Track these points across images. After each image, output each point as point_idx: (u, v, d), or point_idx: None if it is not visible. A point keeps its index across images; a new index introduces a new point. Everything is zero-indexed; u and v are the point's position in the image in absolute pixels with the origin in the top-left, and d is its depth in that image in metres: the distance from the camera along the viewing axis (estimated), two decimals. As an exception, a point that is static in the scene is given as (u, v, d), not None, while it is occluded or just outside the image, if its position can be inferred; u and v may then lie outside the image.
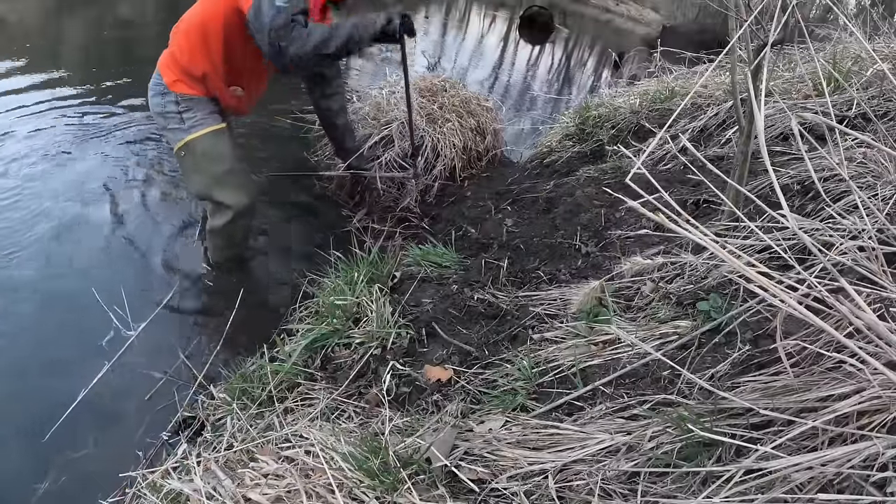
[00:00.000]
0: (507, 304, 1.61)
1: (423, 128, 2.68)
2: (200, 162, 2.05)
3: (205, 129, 2.04)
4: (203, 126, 2.04)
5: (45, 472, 1.43)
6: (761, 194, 1.67)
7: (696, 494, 0.88)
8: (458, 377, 1.40)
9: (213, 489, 1.08)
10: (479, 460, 1.10)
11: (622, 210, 1.91)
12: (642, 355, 1.23)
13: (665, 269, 1.50)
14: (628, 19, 14.12)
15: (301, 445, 1.16)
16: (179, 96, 2.00)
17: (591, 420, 1.15)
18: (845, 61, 2.38)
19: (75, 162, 2.72)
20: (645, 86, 3.06)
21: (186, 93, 2.01)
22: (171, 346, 1.82)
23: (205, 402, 1.58)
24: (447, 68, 6.02)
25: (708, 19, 10.50)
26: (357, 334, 1.57)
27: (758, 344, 1.16)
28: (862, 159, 1.61)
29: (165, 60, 2.02)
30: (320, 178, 2.87)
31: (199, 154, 2.04)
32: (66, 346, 1.78)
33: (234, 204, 2.08)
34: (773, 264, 1.22)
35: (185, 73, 1.98)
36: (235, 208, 2.08)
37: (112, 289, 1.94)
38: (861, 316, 0.66)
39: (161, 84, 2.01)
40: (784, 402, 0.93)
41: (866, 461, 0.76)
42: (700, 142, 2.34)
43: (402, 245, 2.23)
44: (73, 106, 3.21)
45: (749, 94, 1.16)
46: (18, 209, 2.33)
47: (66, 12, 5.10)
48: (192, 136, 2.02)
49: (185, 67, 1.97)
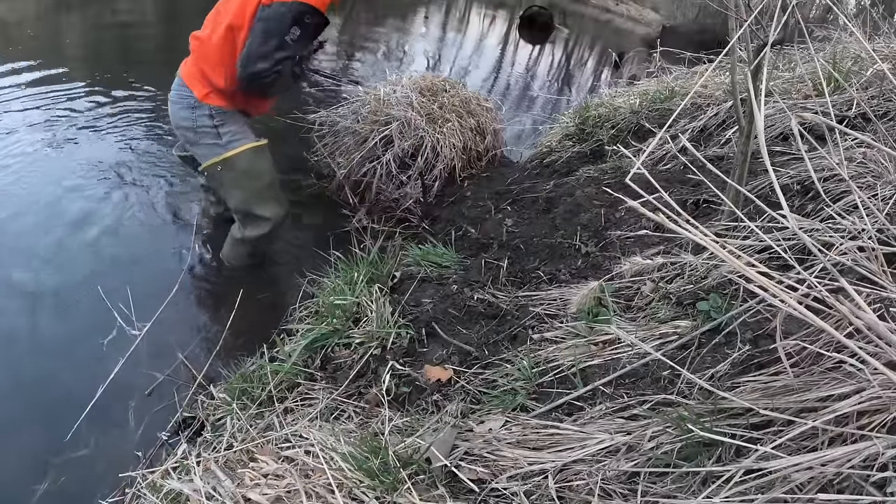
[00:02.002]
0: (507, 304, 1.61)
1: (424, 127, 2.68)
2: (241, 178, 2.04)
3: (245, 146, 2.01)
4: (241, 142, 2.01)
5: (45, 472, 1.43)
6: (761, 194, 1.67)
7: (696, 494, 0.88)
8: (458, 377, 1.40)
9: (212, 489, 1.07)
10: (479, 460, 1.10)
11: (622, 210, 1.91)
12: (642, 355, 1.23)
13: (665, 269, 1.50)
14: (628, 19, 14.11)
15: (301, 445, 1.16)
16: (214, 109, 1.95)
17: (591, 420, 1.15)
18: (845, 61, 2.38)
19: (76, 160, 2.72)
20: (645, 86, 3.06)
21: (220, 105, 1.96)
22: (170, 346, 1.82)
23: (205, 402, 1.58)
24: (447, 68, 6.03)
25: (708, 19, 10.49)
26: (357, 334, 1.57)
27: (758, 344, 1.16)
28: (862, 159, 1.61)
29: (191, 71, 1.95)
30: (319, 178, 2.87)
31: (240, 171, 2.03)
32: (67, 347, 1.78)
33: (274, 217, 2.11)
34: (773, 264, 1.22)
35: (214, 87, 1.94)
36: (274, 221, 2.12)
37: (113, 288, 1.94)
38: (861, 316, 0.66)
39: (190, 96, 1.94)
40: (784, 402, 0.93)
41: (866, 461, 0.76)
42: (700, 142, 2.34)
43: (402, 245, 2.23)
44: (73, 103, 3.21)
45: (749, 94, 1.16)
46: (19, 207, 2.33)
47: (64, 11, 5.09)
48: (232, 153, 1.99)
49: (214, 82, 1.93)
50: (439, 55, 6.67)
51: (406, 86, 2.86)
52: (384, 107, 2.74)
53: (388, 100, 2.76)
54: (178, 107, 1.98)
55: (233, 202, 2.12)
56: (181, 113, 1.98)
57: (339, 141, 2.87)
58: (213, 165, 2.02)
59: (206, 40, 1.92)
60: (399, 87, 2.87)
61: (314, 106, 3.04)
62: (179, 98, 1.98)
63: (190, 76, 1.95)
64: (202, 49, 1.93)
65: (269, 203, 2.11)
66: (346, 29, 6.52)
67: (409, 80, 2.95)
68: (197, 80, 1.94)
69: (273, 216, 2.12)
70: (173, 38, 4.65)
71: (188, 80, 1.95)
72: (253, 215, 2.11)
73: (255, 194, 2.08)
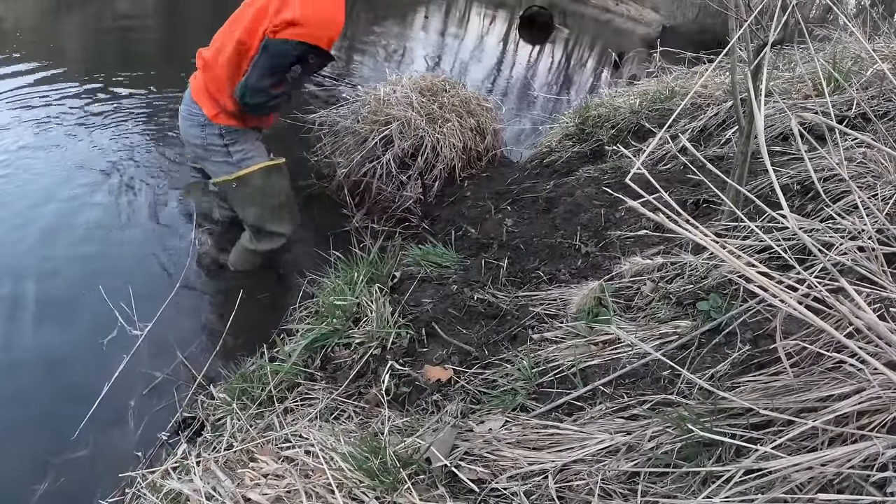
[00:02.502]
0: (507, 304, 1.61)
1: (424, 127, 2.68)
2: (255, 196, 2.04)
3: (257, 165, 1.99)
4: (254, 161, 1.99)
5: (44, 472, 1.43)
6: (761, 194, 1.67)
7: (696, 494, 0.88)
8: (458, 377, 1.40)
9: (212, 489, 1.07)
10: (479, 460, 1.09)
11: (622, 210, 1.90)
12: (642, 355, 1.23)
13: (665, 269, 1.50)
14: (628, 19, 14.11)
15: (301, 445, 1.16)
16: (224, 128, 1.93)
17: (591, 420, 1.15)
18: (845, 61, 2.38)
19: (75, 158, 2.71)
20: (645, 86, 3.06)
21: (231, 125, 1.93)
22: (170, 345, 1.82)
23: (204, 402, 1.58)
24: (447, 68, 6.03)
25: (708, 19, 10.48)
26: (357, 334, 1.56)
27: (758, 344, 1.16)
28: (862, 159, 1.61)
29: (200, 88, 1.91)
30: (319, 178, 2.87)
31: (254, 189, 2.02)
32: (68, 346, 1.78)
33: (287, 233, 2.13)
34: (773, 264, 1.22)
35: (223, 108, 1.91)
36: (288, 235, 2.14)
37: (113, 288, 1.94)
38: (861, 316, 0.66)
39: (200, 115, 1.91)
40: (784, 402, 0.93)
41: (866, 461, 0.76)
42: (700, 142, 2.34)
43: (402, 245, 2.23)
44: (73, 102, 3.21)
45: (749, 94, 1.16)
46: (18, 207, 2.33)
47: (63, 11, 5.09)
48: (244, 172, 1.98)
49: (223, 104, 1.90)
50: (439, 55, 6.67)
51: (406, 86, 2.86)
52: (384, 107, 2.74)
53: (388, 100, 2.76)
54: (188, 124, 1.95)
55: (247, 218, 2.11)
56: (191, 130, 1.96)
57: (339, 141, 2.87)
58: (228, 182, 2.01)
59: (211, 62, 1.88)
60: (399, 87, 2.87)
61: (314, 106, 3.04)
62: (189, 115, 1.95)
63: (199, 93, 1.92)
64: (208, 70, 1.89)
65: (283, 220, 2.11)
66: (346, 29, 6.51)
67: (409, 80, 2.95)
68: (206, 99, 1.91)
69: (287, 232, 2.14)
70: (173, 38, 4.66)
71: (197, 96, 1.92)
72: (266, 231, 2.11)
73: (269, 211, 2.08)
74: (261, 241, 2.15)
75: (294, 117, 3.02)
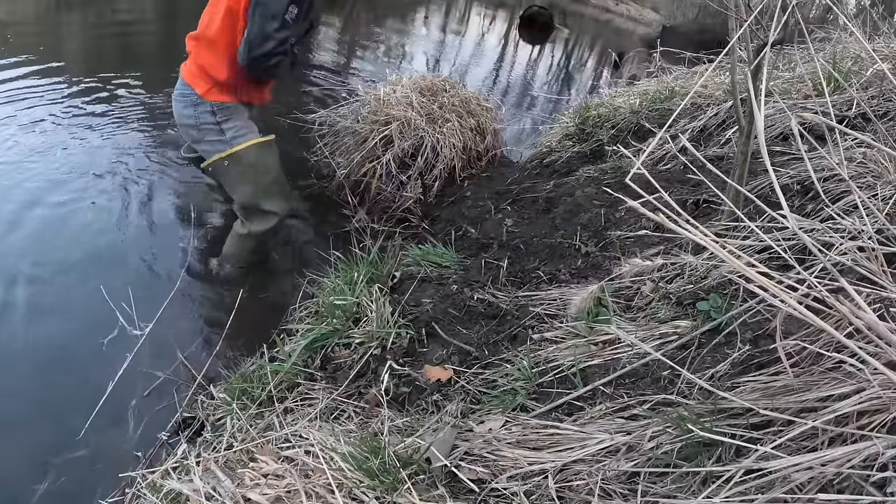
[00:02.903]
0: (507, 304, 1.61)
1: (423, 127, 2.68)
2: (247, 173, 2.06)
3: (250, 141, 2.03)
4: (246, 138, 2.03)
5: (44, 472, 1.43)
6: (761, 194, 1.67)
7: (696, 494, 0.88)
8: (458, 377, 1.40)
9: (212, 489, 1.07)
10: (479, 460, 1.09)
11: (622, 210, 1.90)
12: (642, 355, 1.23)
13: (665, 270, 1.50)
14: (628, 19, 14.12)
15: (301, 445, 1.16)
16: (215, 105, 1.97)
17: (591, 420, 1.15)
18: (845, 61, 2.38)
19: (75, 158, 2.71)
20: (645, 86, 3.06)
21: (223, 100, 1.98)
22: (170, 345, 1.82)
23: (204, 402, 1.58)
24: (447, 68, 6.03)
25: (708, 19, 10.48)
26: (357, 334, 1.56)
27: (758, 344, 1.16)
28: (862, 159, 1.61)
29: (191, 69, 1.97)
30: (319, 178, 2.87)
31: (247, 165, 2.04)
32: (68, 346, 1.78)
33: (280, 211, 2.15)
34: (773, 264, 1.22)
35: (215, 82, 1.95)
36: (280, 214, 2.15)
37: (114, 288, 1.94)
38: (861, 316, 0.66)
39: (193, 94, 1.96)
40: (784, 402, 0.93)
41: (866, 461, 0.76)
42: (700, 142, 2.34)
43: (402, 245, 2.23)
44: (73, 102, 3.21)
45: (749, 94, 1.16)
46: (18, 208, 2.33)
47: (63, 10, 5.09)
48: (237, 149, 2.01)
49: (215, 76, 1.94)
50: (439, 55, 6.67)
51: (406, 86, 2.86)
52: (384, 107, 2.74)
53: (388, 100, 2.76)
54: (181, 105, 2.00)
55: (239, 197, 2.13)
56: (184, 111, 2.00)
57: (339, 141, 2.87)
58: (220, 161, 2.04)
59: (202, 35, 1.93)
60: (399, 87, 2.87)
61: (314, 106, 3.05)
62: (182, 96, 2.00)
63: (191, 74, 1.97)
64: (200, 45, 1.95)
65: (275, 198, 2.14)
66: (346, 29, 6.52)
67: (409, 80, 2.95)
68: (198, 77, 1.96)
69: (280, 210, 2.15)
70: (173, 38, 4.65)
71: (189, 78, 1.97)
72: (260, 210, 2.13)
73: (262, 189, 2.10)
74: (253, 221, 2.16)
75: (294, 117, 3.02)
